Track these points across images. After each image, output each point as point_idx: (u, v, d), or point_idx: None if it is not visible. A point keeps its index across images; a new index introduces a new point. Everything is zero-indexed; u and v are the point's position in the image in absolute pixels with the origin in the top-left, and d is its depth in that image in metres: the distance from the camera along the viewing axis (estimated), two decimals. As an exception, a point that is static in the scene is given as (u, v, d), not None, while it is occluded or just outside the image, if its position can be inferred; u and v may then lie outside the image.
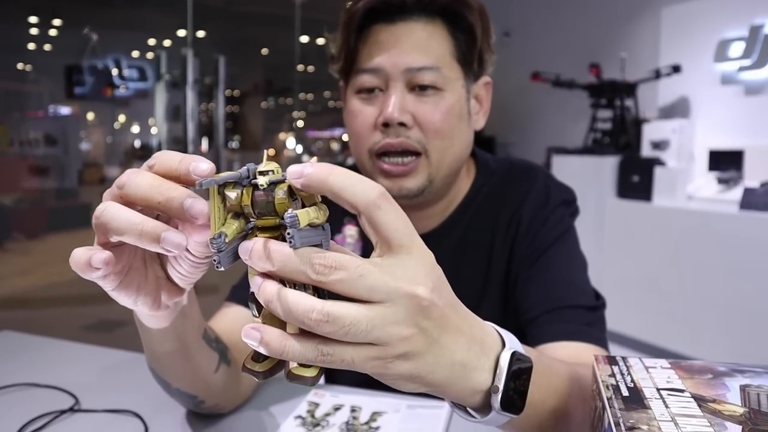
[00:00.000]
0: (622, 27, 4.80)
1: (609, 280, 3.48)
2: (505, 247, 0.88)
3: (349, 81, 0.87)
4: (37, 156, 6.69)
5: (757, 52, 3.67)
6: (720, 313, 3.00)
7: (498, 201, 0.91)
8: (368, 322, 0.37)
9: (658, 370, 0.48)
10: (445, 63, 0.82)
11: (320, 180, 0.36)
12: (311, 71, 9.38)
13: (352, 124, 0.86)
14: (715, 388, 0.44)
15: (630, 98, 4.24)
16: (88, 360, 1.01)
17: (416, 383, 0.41)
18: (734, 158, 3.65)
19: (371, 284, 0.37)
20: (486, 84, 0.90)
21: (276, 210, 0.38)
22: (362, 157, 0.86)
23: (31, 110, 7.49)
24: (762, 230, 2.89)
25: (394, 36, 0.82)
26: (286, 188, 0.37)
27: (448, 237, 0.91)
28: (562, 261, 0.85)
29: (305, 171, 0.36)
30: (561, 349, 0.76)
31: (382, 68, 0.81)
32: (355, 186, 0.37)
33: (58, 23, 7.94)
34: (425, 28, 0.83)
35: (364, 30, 0.84)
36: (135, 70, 7.32)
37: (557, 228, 0.87)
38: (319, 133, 11.60)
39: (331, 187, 0.36)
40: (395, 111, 0.80)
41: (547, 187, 0.90)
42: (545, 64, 4.61)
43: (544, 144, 4.83)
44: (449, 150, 0.84)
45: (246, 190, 0.38)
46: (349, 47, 0.85)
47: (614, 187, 3.77)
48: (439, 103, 0.82)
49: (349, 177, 0.37)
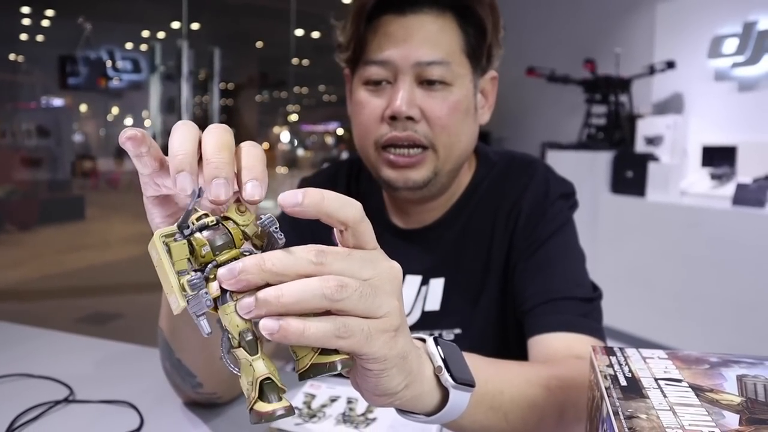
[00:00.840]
0: (616, 22, 4.80)
1: (602, 274, 3.48)
2: (504, 238, 0.89)
3: (356, 71, 0.87)
4: (30, 148, 6.65)
5: (751, 48, 3.68)
6: (712, 307, 3.02)
7: (498, 193, 0.91)
8: (368, 286, 0.39)
9: (656, 360, 0.48)
10: (454, 58, 0.82)
11: (315, 206, 0.38)
12: (306, 65, 9.35)
13: (359, 115, 0.85)
14: (712, 378, 0.44)
15: (624, 94, 4.25)
16: (83, 351, 1.01)
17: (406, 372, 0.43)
18: (727, 154, 3.66)
19: (359, 261, 0.40)
20: (492, 78, 0.90)
21: (233, 240, 0.38)
22: (367, 149, 0.85)
23: (24, 101, 7.44)
24: (754, 226, 2.91)
25: (404, 28, 0.81)
26: (234, 209, 0.39)
27: (449, 229, 0.92)
28: (560, 253, 0.86)
29: (298, 200, 0.38)
30: (555, 340, 0.76)
31: (392, 61, 0.81)
32: (345, 207, 0.40)
33: (51, 14, 7.88)
34: (436, 21, 0.82)
35: (374, 20, 0.84)
36: (129, 62, 7.26)
37: (556, 220, 0.87)
38: (313, 127, 11.57)
39: (326, 211, 0.39)
40: (403, 104, 0.79)
41: (546, 181, 0.91)
42: (540, 59, 4.61)
43: (539, 139, 4.83)
44: (456, 145, 0.84)
45: (196, 237, 0.38)
46: (359, 37, 0.85)
47: (608, 182, 3.78)
48: (447, 98, 0.81)
49: (338, 199, 0.40)
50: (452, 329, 0.89)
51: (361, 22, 0.84)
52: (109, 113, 9.41)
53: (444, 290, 0.90)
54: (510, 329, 0.88)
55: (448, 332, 0.89)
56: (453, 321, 0.89)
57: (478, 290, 0.89)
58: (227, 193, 0.38)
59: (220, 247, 0.38)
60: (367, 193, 0.97)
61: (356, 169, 1.01)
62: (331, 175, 1.03)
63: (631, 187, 3.62)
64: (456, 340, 0.88)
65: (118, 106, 9.10)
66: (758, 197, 3.03)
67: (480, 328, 0.89)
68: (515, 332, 0.86)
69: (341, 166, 1.04)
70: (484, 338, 0.88)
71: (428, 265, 0.91)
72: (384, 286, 0.41)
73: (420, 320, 0.90)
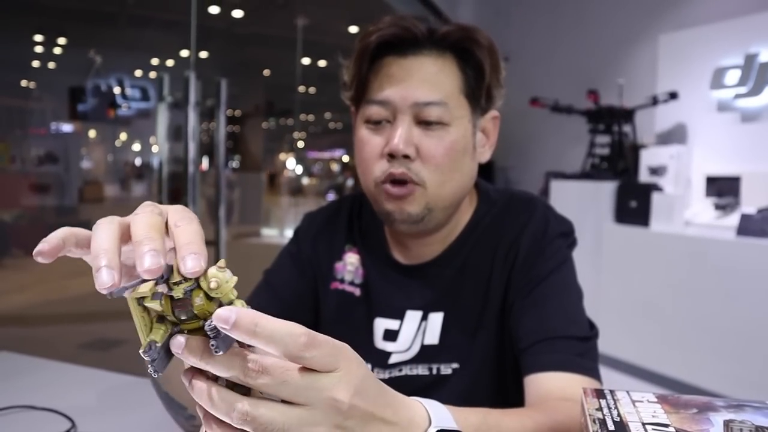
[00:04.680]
0: (619, 54, 4.86)
1: (606, 304, 3.48)
2: (502, 276, 0.90)
3: (359, 109, 0.89)
4: (39, 173, 6.71)
5: (753, 79, 3.71)
6: (716, 338, 3.00)
7: (498, 231, 0.92)
8: (285, 422, 0.41)
9: (645, 404, 0.49)
10: (452, 98, 0.84)
11: (247, 331, 0.39)
12: (312, 93, 9.46)
13: (361, 152, 0.88)
14: (699, 423, 0.45)
15: (628, 124, 4.27)
16: (86, 383, 1.02)
17: None
18: (731, 184, 3.67)
19: (293, 390, 0.41)
20: (494, 118, 0.92)
21: (196, 315, 0.40)
22: (369, 184, 0.88)
23: (34, 127, 7.53)
24: (758, 256, 2.90)
25: (404, 69, 0.84)
26: (202, 294, 0.40)
27: (449, 265, 0.93)
28: (557, 291, 0.86)
29: (231, 319, 0.38)
30: (550, 380, 0.77)
31: (391, 101, 0.83)
32: (284, 338, 0.40)
33: (63, 42, 8.03)
34: (435, 62, 0.84)
35: (376, 61, 0.86)
36: (138, 90, 7.38)
37: (554, 259, 0.88)
38: (319, 154, 11.65)
39: (258, 339, 0.39)
40: (400, 143, 0.82)
41: (546, 219, 0.92)
42: (544, 89, 4.65)
43: (543, 168, 4.86)
44: (448, 183, 0.85)
45: (164, 300, 0.40)
46: (361, 78, 0.87)
47: (612, 212, 3.79)
48: (444, 138, 0.83)
49: (274, 329, 0.40)
50: (450, 363, 0.90)
51: (363, 63, 0.87)
52: (117, 139, 9.52)
53: (443, 325, 0.91)
54: (507, 364, 0.88)
55: (446, 366, 0.90)
56: (451, 355, 0.90)
57: (476, 326, 0.90)
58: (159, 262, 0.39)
59: (183, 320, 0.40)
60: (369, 229, 0.99)
61: (358, 206, 1.03)
62: (333, 210, 1.05)
63: (635, 217, 3.63)
64: (454, 374, 0.89)
65: (126, 132, 9.22)
66: (762, 228, 3.03)
67: (477, 362, 0.89)
68: (512, 368, 0.87)
69: (344, 203, 1.06)
70: (482, 373, 0.89)
71: (428, 300, 0.92)
72: (311, 416, 0.42)
73: (419, 353, 0.91)
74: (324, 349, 0.42)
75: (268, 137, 11.14)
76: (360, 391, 0.44)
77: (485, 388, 0.89)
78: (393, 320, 0.93)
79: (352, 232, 1.00)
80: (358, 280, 0.97)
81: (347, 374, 0.43)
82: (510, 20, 5.72)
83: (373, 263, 0.97)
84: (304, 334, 0.41)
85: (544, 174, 4.61)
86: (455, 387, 0.88)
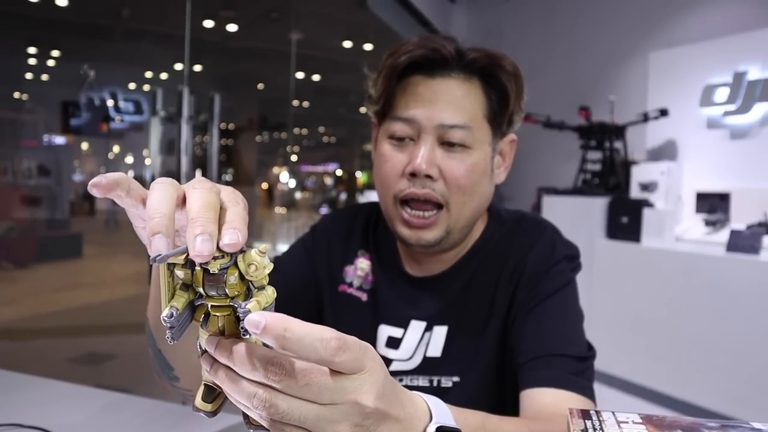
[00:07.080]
0: (611, 71, 4.90)
1: (597, 319, 3.49)
2: (507, 293, 0.91)
3: (382, 123, 0.91)
4: (30, 186, 6.68)
5: (741, 97, 3.76)
6: (706, 353, 3.01)
7: (506, 250, 0.94)
8: (302, 415, 0.41)
9: (630, 425, 0.49)
10: (476, 122, 0.86)
11: (276, 336, 0.39)
12: (306, 107, 9.49)
13: (382, 167, 0.89)
14: (683, 445, 0.45)
15: (619, 140, 4.31)
16: (74, 400, 1.01)
17: None
18: (721, 201, 3.70)
19: (316, 393, 0.41)
20: (511, 141, 0.95)
21: (227, 293, 0.40)
22: (387, 201, 0.89)
23: (26, 139, 7.51)
24: (748, 272, 2.92)
25: (431, 90, 0.85)
26: (236, 273, 0.40)
27: (456, 280, 0.95)
28: (559, 312, 0.88)
29: (261, 324, 0.39)
30: (544, 395, 0.77)
31: (417, 120, 0.85)
32: (314, 343, 0.40)
33: (57, 54, 8.02)
34: (461, 86, 0.86)
35: (404, 79, 0.88)
36: (131, 104, 7.37)
37: (558, 280, 0.89)
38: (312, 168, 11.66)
39: (288, 344, 0.40)
40: (423, 163, 0.83)
41: (553, 242, 0.94)
42: (536, 105, 4.67)
43: (535, 184, 4.88)
44: (468, 204, 0.87)
45: (197, 272, 0.40)
46: (389, 94, 0.89)
47: (603, 227, 3.80)
48: (465, 160, 0.85)
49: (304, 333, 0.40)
50: (451, 377, 0.91)
51: (392, 80, 0.89)
52: (110, 152, 9.50)
53: (446, 338, 0.92)
54: (507, 380, 0.89)
55: (447, 379, 0.91)
56: (453, 368, 0.91)
57: (478, 341, 0.91)
58: (210, 248, 0.39)
59: (211, 296, 0.40)
60: (383, 239, 1.01)
61: (375, 214, 1.04)
62: (352, 215, 1.07)
63: (627, 233, 3.64)
64: (454, 388, 0.90)
65: (119, 145, 9.20)
66: (752, 244, 3.05)
67: (478, 377, 0.90)
68: (512, 383, 0.88)
69: (362, 209, 1.07)
70: (482, 387, 0.90)
71: (433, 312, 0.94)
72: (331, 414, 0.42)
73: (421, 365, 0.92)
74: (353, 353, 0.42)
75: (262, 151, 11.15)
76: (382, 395, 0.44)
77: (484, 403, 0.89)
78: (397, 328, 0.94)
79: (367, 239, 1.03)
80: (367, 286, 0.98)
81: (371, 376, 0.44)
82: (502, 37, 5.77)
83: (383, 271, 0.98)
84: (335, 338, 0.41)
85: (536, 189, 4.63)
86: (455, 400, 0.88)
